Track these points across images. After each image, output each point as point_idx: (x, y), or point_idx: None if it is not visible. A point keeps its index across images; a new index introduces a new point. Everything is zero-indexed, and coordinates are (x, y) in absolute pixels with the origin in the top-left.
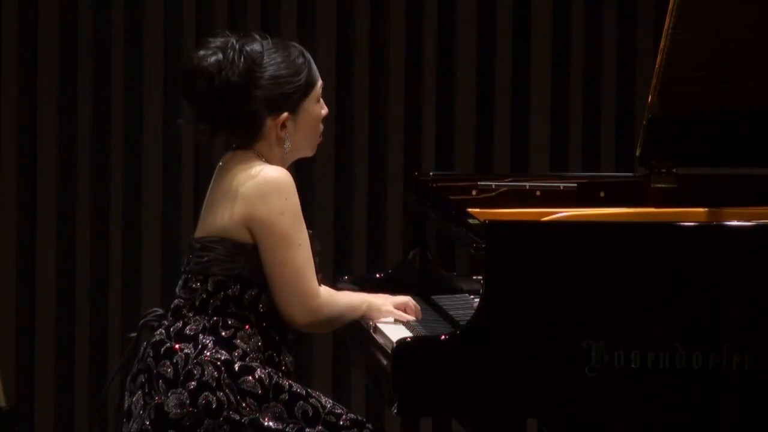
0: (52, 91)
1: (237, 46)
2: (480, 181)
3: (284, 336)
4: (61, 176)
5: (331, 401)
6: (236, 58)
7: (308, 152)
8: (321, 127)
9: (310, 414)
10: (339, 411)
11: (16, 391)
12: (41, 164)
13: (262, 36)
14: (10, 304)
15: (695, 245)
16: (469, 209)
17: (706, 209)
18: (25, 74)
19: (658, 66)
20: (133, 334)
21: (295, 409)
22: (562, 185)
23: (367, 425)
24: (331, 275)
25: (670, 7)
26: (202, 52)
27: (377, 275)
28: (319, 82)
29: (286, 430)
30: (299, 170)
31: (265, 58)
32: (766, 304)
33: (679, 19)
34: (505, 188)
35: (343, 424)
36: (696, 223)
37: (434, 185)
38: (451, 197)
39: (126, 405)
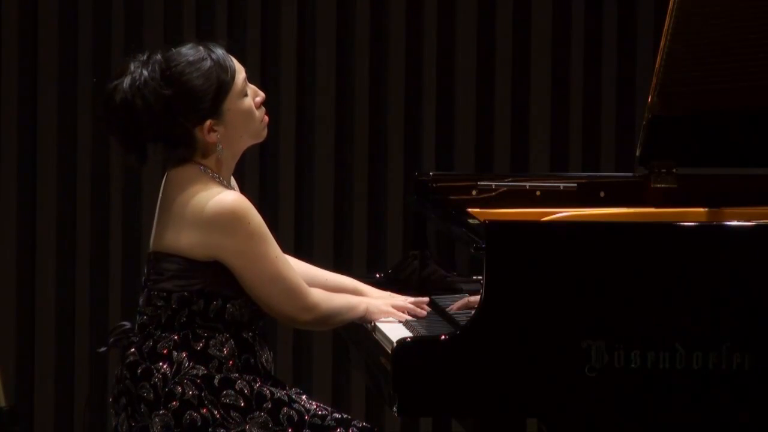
0: (52, 91)
1: (141, 77)
2: (480, 181)
3: (255, 332)
4: (61, 176)
5: (314, 403)
6: (142, 87)
7: (253, 141)
8: (258, 112)
9: (296, 419)
10: (323, 413)
11: (16, 391)
12: (41, 165)
13: (164, 52)
14: (11, 304)
15: (695, 245)
16: (469, 209)
17: (706, 209)
18: (25, 74)
19: (658, 66)
20: (103, 349)
21: (280, 416)
22: (562, 185)
23: (353, 422)
24: None
25: (670, 7)
26: (111, 86)
27: (377, 275)
28: (239, 77)
29: None
30: (299, 170)
31: (171, 76)
32: (766, 304)
33: (679, 19)
34: (505, 188)
35: (329, 424)
36: (696, 223)
37: (434, 185)
38: (451, 197)
39: (114, 425)
